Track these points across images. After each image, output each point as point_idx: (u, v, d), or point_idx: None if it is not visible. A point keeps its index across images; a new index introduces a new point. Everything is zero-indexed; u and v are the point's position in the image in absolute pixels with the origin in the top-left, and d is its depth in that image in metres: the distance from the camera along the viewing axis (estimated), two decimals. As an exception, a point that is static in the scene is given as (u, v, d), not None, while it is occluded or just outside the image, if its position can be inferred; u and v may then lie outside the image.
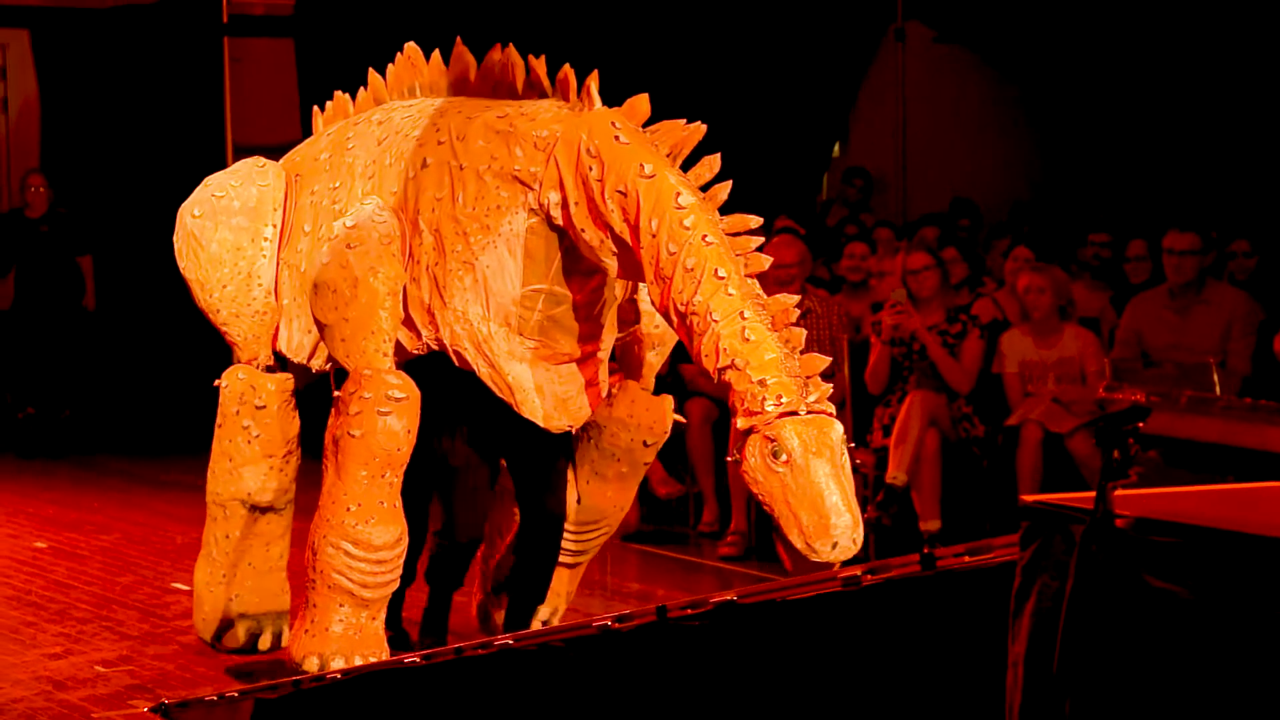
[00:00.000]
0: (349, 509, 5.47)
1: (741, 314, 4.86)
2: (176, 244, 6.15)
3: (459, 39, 5.85)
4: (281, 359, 6.08)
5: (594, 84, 5.35)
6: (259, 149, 6.49)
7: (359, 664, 5.37)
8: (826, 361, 4.88)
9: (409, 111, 5.81)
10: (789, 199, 11.51)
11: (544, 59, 5.60)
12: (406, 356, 5.66)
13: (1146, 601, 2.92)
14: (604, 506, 5.98)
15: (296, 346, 5.98)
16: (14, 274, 12.06)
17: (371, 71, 6.07)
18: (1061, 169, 12.39)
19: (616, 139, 5.18)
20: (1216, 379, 7.47)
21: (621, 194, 5.14)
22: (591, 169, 5.20)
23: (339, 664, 5.41)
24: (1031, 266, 8.64)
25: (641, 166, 5.11)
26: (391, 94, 6.00)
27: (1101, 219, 10.49)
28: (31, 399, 12.11)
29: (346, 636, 5.52)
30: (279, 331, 6.03)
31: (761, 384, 4.77)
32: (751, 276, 4.96)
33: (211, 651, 6.32)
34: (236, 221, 6.05)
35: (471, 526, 6.17)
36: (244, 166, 6.22)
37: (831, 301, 9.05)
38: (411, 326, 5.61)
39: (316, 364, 5.96)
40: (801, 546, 4.70)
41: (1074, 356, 8.29)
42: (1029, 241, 9.35)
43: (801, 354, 4.85)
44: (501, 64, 5.68)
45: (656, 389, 5.96)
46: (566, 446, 5.89)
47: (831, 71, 12.25)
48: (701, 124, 5.20)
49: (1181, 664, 2.89)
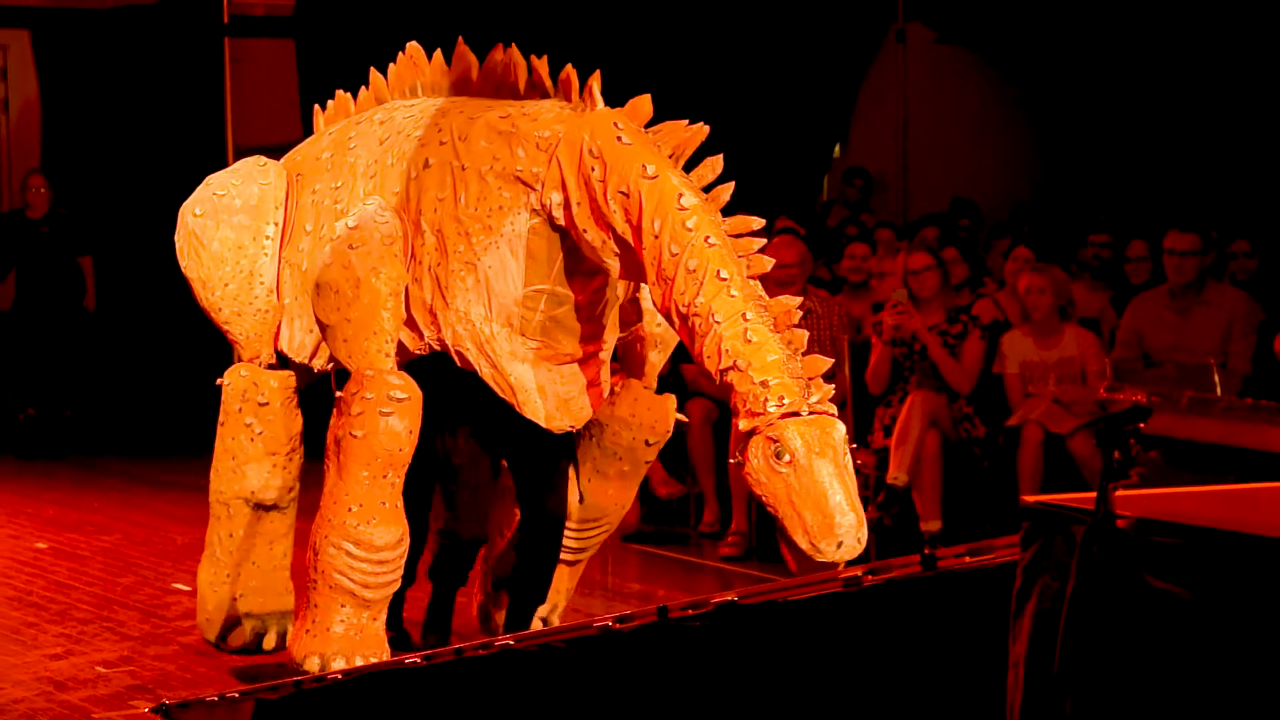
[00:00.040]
0: (350, 509, 5.47)
1: (744, 315, 4.87)
2: (178, 243, 6.15)
3: (461, 39, 5.86)
4: (283, 358, 6.08)
5: (596, 84, 5.35)
6: (259, 149, 6.49)
7: (360, 664, 5.37)
8: (829, 363, 4.88)
9: (411, 111, 5.80)
10: (790, 199, 11.51)
11: (546, 59, 5.61)
12: (409, 357, 5.66)
13: (1147, 602, 2.92)
14: (605, 505, 5.99)
15: (298, 346, 5.98)
16: (14, 274, 12.05)
17: (373, 71, 6.07)
18: (1062, 169, 12.38)
19: (619, 140, 5.18)
20: (1217, 379, 7.48)
21: (624, 195, 5.13)
22: (594, 170, 5.20)
23: (340, 664, 5.41)
24: (1032, 267, 8.63)
25: (644, 167, 5.11)
26: (393, 93, 6.00)
27: (1102, 219, 10.49)
28: (32, 400, 12.10)
29: (348, 637, 5.52)
30: (280, 331, 6.03)
31: (764, 385, 4.77)
32: (754, 278, 4.97)
33: (212, 652, 6.32)
34: (238, 220, 6.05)
35: (474, 525, 6.17)
36: (245, 165, 6.22)
37: (832, 302, 9.05)
38: (413, 327, 5.61)
39: (318, 363, 5.96)
40: (806, 547, 4.70)
41: (1075, 357, 8.29)
42: (1029, 242, 9.34)
43: (804, 355, 4.86)
44: (504, 64, 5.68)
45: (658, 389, 5.97)
46: (567, 446, 5.89)
47: (832, 72, 12.25)
48: (704, 125, 5.19)
49: (1182, 664, 2.89)
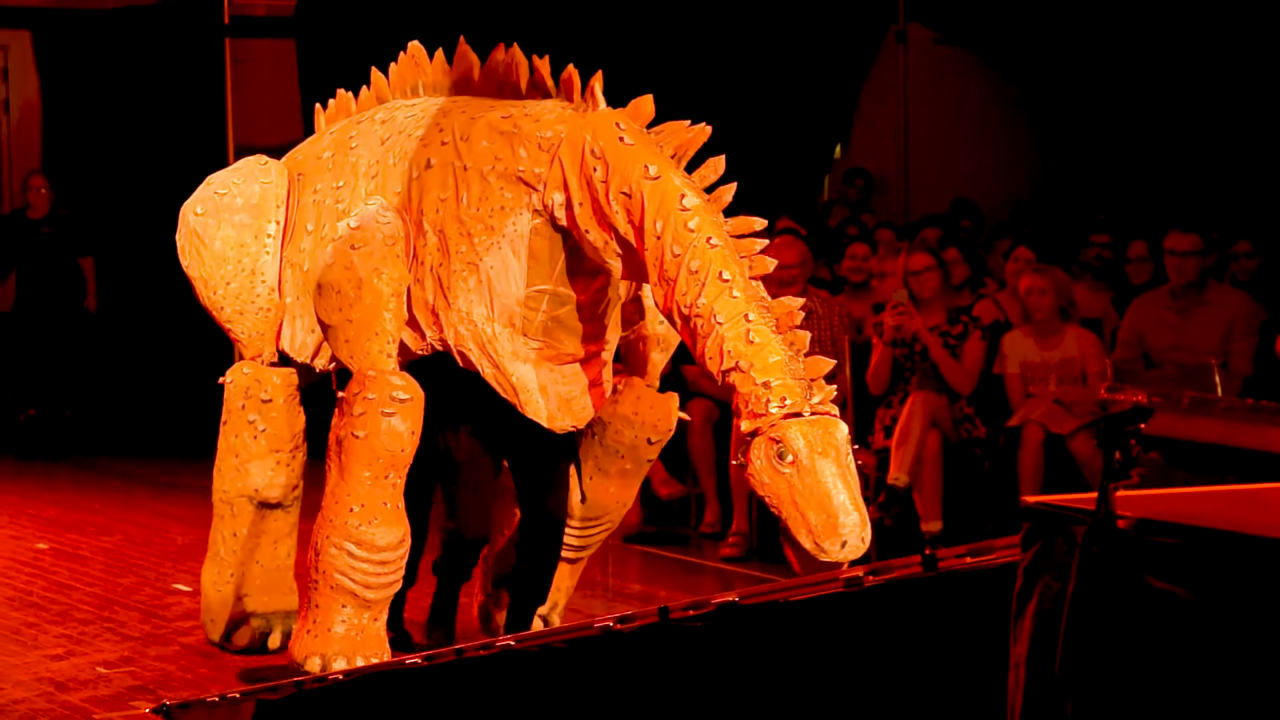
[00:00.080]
0: (352, 509, 5.47)
1: (746, 316, 4.86)
2: (179, 242, 6.15)
3: (462, 38, 5.86)
4: (285, 358, 6.08)
5: (598, 84, 5.35)
6: (260, 150, 6.49)
7: (361, 665, 5.37)
8: (831, 364, 4.88)
9: (412, 111, 5.81)
10: (790, 200, 11.51)
11: (548, 59, 5.61)
12: (411, 357, 5.66)
13: (1148, 603, 2.92)
14: (607, 503, 5.99)
15: (300, 345, 5.99)
16: (15, 275, 12.05)
17: (374, 70, 6.07)
18: (1063, 170, 12.37)
19: (621, 140, 5.18)
20: (1218, 380, 7.48)
21: (626, 195, 5.13)
22: (596, 170, 5.20)
23: (341, 665, 5.41)
24: (1033, 268, 8.63)
25: (646, 168, 5.11)
26: (394, 93, 6.00)
27: (1103, 220, 10.48)
28: (33, 400, 12.10)
29: (349, 637, 5.52)
30: (282, 330, 6.03)
31: (766, 386, 4.77)
32: (756, 279, 4.97)
33: (213, 652, 6.32)
34: (240, 218, 6.06)
35: (477, 522, 6.17)
36: (246, 164, 6.23)
37: (833, 302, 9.05)
38: (416, 327, 5.61)
39: (320, 363, 5.96)
40: (810, 546, 4.70)
41: (1075, 357, 8.29)
42: (1030, 242, 9.33)
43: (806, 356, 4.86)
44: (505, 64, 5.68)
45: (660, 389, 5.97)
46: (568, 446, 5.89)
47: (833, 73, 12.25)
48: (706, 125, 5.19)
49: (1183, 665, 2.89)
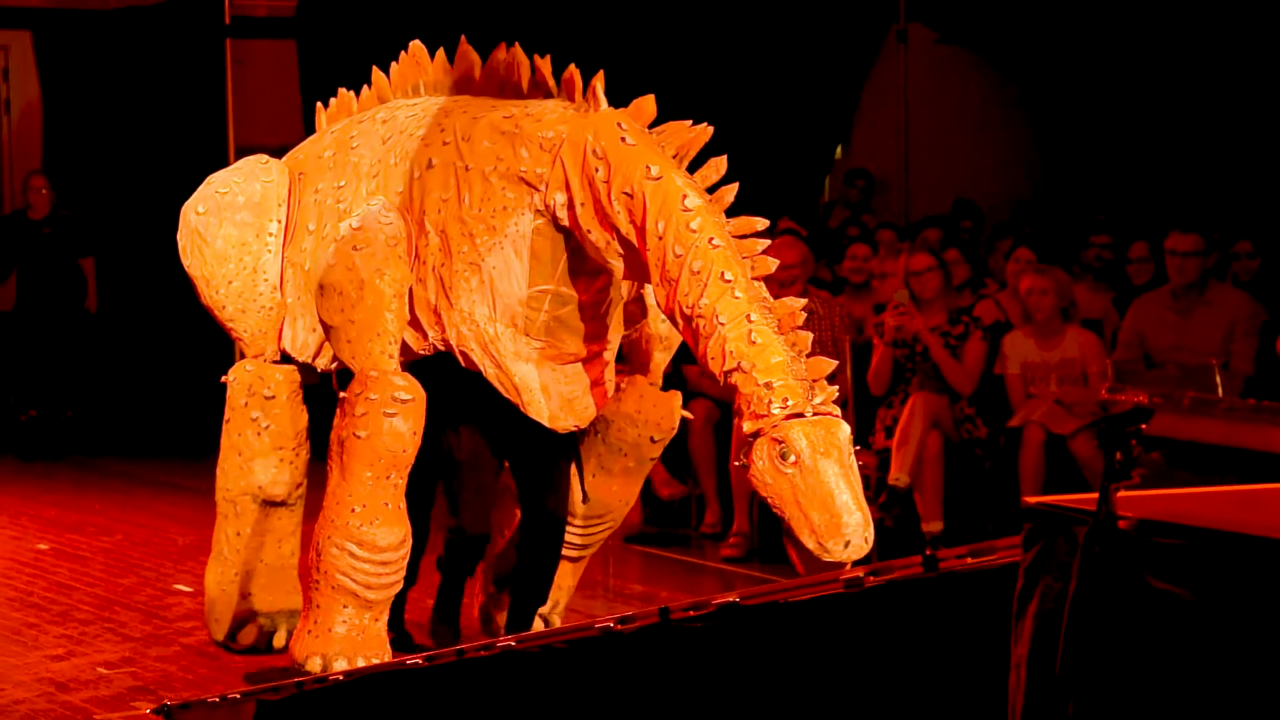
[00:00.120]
0: (353, 510, 5.47)
1: (748, 317, 4.87)
2: (181, 241, 6.15)
3: (463, 38, 5.85)
4: (286, 357, 6.08)
5: (599, 84, 5.35)
6: (261, 150, 6.49)
7: (362, 665, 5.37)
8: (833, 365, 4.88)
9: (414, 110, 5.81)
10: (791, 200, 11.50)
11: (549, 59, 5.60)
12: (413, 357, 5.66)
13: (1149, 603, 2.92)
14: (609, 501, 5.99)
15: (301, 345, 5.99)
16: (16, 276, 12.05)
17: (375, 70, 6.07)
18: (1064, 170, 12.37)
19: (623, 140, 5.18)
20: (1219, 380, 7.48)
21: (628, 195, 5.13)
22: (598, 170, 5.20)
23: (342, 665, 5.41)
24: (1034, 268, 8.63)
25: (648, 168, 5.11)
26: (395, 92, 6.00)
27: (1104, 220, 10.48)
28: (34, 401, 12.10)
29: (349, 638, 5.53)
30: (283, 329, 6.03)
31: (768, 387, 4.77)
32: (758, 279, 4.96)
33: (214, 652, 6.32)
34: (241, 217, 6.06)
35: (480, 520, 6.17)
36: (247, 164, 6.23)
37: (834, 303, 9.04)
38: (418, 327, 5.61)
39: (321, 363, 5.96)
40: (813, 547, 4.70)
41: (1076, 358, 8.29)
42: (1031, 243, 9.33)
43: (808, 357, 4.86)
44: (507, 63, 5.68)
45: (661, 388, 5.97)
46: (569, 446, 5.89)
47: (834, 73, 12.24)
48: (708, 125, 5.19)
49: (1184, 666, 2.89)
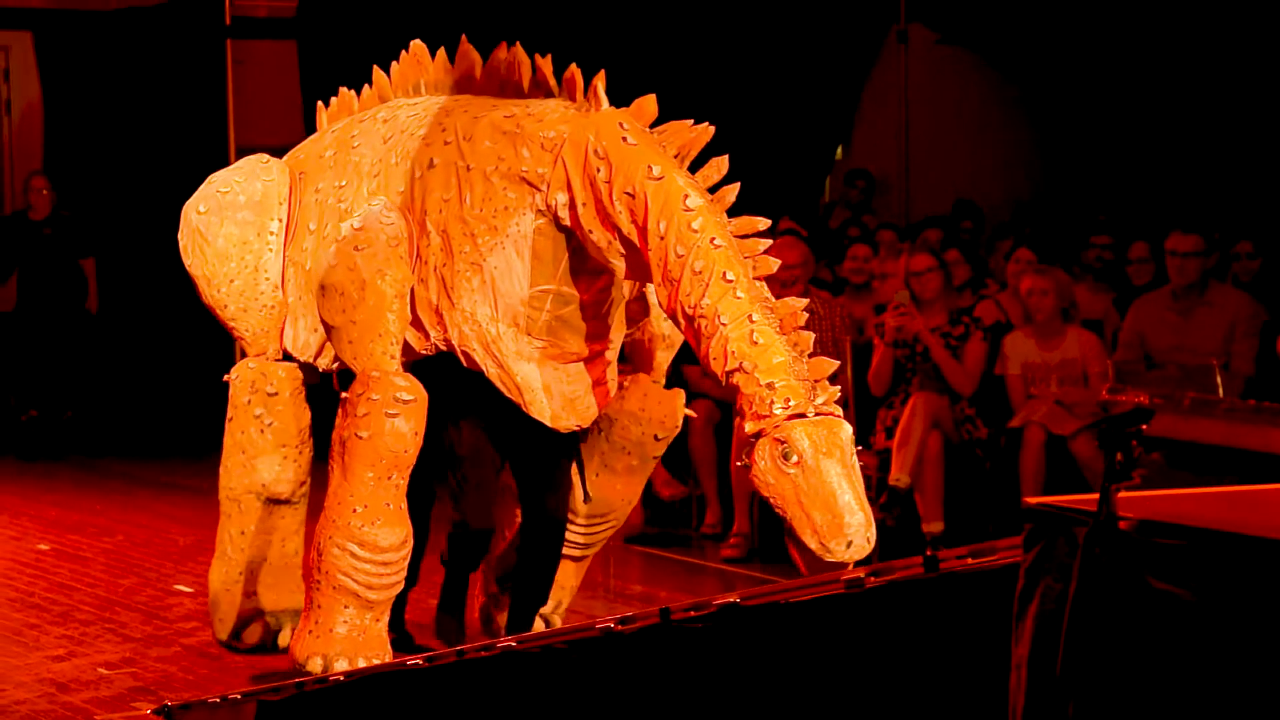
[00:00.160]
0: (355, 510, 5.47)
1: (750, 317, 4.86)
2: (182, 241, 6.15)
3: (464, 37, 5.85)
4: (288, 357, 6.07)
5: (600, 84, 5.35)
6: (262, 151, 6.49)
7: (362, 666, 5.37)
8: (835, 365, 4.88)
9: (415, 110, 5.80)
10: (792, 201, 11.50)
11: (550, 58, 5.60)
12: (414, 357, 5.66)
13: (1150, 604, 2.92)
14: (613, 500, 5.99)
15: (302, 345, 5.99)
16: (17, 276, 12.05)
17: (376, 69, 6.07)
18: (1064, 170, 12.37)
19: (624, 140, 5.18)
20: (1219, 381, 7.47)
21: (629, 195, 5.13)
22: (599, 170, 5.20)
23: (342, 665, 5.41)
24: (1034, 268, 8.63)
25: (649, 168, 5.11)
26: (396, 91, 6.00)
27: (1104, 221, 10.48)
28: (34, 401, 12.10)
29: (350, 638, 5.52)
30: (284, 329, 6.03)
31: (770, 387, 4.77)
32: (760, 279, 4.96)
33: (215, 653, 6.32)
34: (242, 216, 6.05)
35: (482, 514, 6.17)
36: (248, 163, 6.23)
37: (834, 303, 9.05)
38: (419, 327, 5.61)
39: (323, 363, 5.96)
40: (816, 547, 4.70)
41: (1076, 358, 8.29)
42: (1031, 243, 9.34)
43: (810, 357, 4.85)
44: (508, 63, 5.68)
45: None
46: (569, 447, 5.89)
47: (834, 74, 12.25)
48: (709, 125, 5.19)
49: (1185, 666, 2.89)
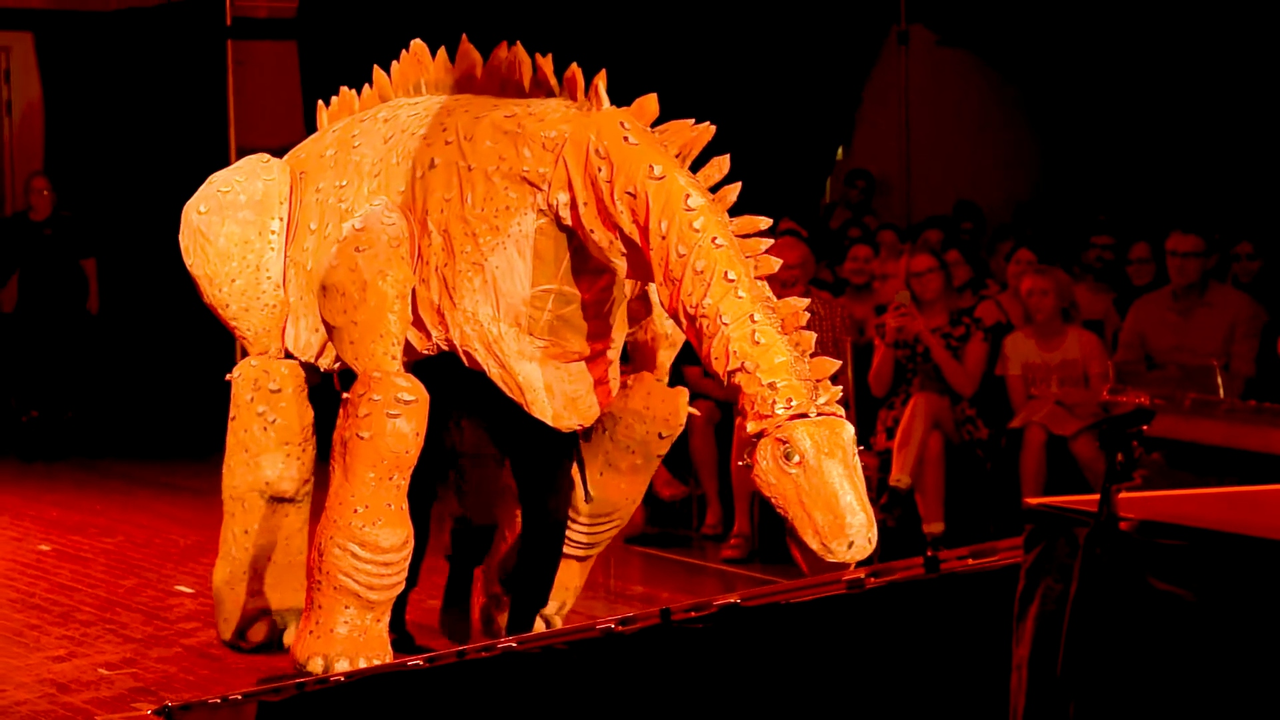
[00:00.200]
0: (356, 510, 5.47)
1: (751, 317, 4.86)
2: (183, 241, 6.16)
3: (464, 36, 5.85)
4: (290, 357, 6.08)
5: (601, 83, 5.35)
6: (262, 151, 6.50)
7: (363, 666, 5.37)
8: (836, 365, 4.88)
9: (415, 109, 5.81)
10: (792, 201, 11.50)
11: (551, 57, 5.60)
12: (416, 356, 5.67)
13: (1150, 604, 2.92)
14: (616, 499, 5.99)
15: (304, 345, 5.99)
16: (18, 277, 12.05)
17: (377, 69, 6.07)
18: (1064, 171, 12.37)
19: (625, 140, 5.18)
20: (1220, 381, 7.46)
21: (631, 195, 5.13)
22: (600, 170, 5.20)
23: (343, 666, 5.41)
24: (1034, 269, 8.63)
25: (651, 168, 5.11)
26: (397, 91, 6.01)
27: (1104, 221, 10.48)
28: (35, 402, 12.10)
29: (351, 638, 5.52)
30: (286, 329, 6.04)
31: (771, 387, 4.77)
32: (761, 279, 4.96)
33: (215, 654, 6.32)
34: (243, 215, 6.06)
35: (485, 511, 6.18)
36: (248, 163, 6.24)
37: (835, 304, 9.05)
38: (421, 327, 5.62)
39: (324, 363, 5.97)
40: (817, 547, 4.70)
41: (1077, 359, 8.29)
42: (1032, 244, 9.33)
43: (811, 357, 4.85)
44: (508, 62, 5.68)
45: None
46: (570, 447, 5.89)
47: (835, 74, 12.24)
48: (710, 124, 5.19)
49: (1186, 667, 2.89)
